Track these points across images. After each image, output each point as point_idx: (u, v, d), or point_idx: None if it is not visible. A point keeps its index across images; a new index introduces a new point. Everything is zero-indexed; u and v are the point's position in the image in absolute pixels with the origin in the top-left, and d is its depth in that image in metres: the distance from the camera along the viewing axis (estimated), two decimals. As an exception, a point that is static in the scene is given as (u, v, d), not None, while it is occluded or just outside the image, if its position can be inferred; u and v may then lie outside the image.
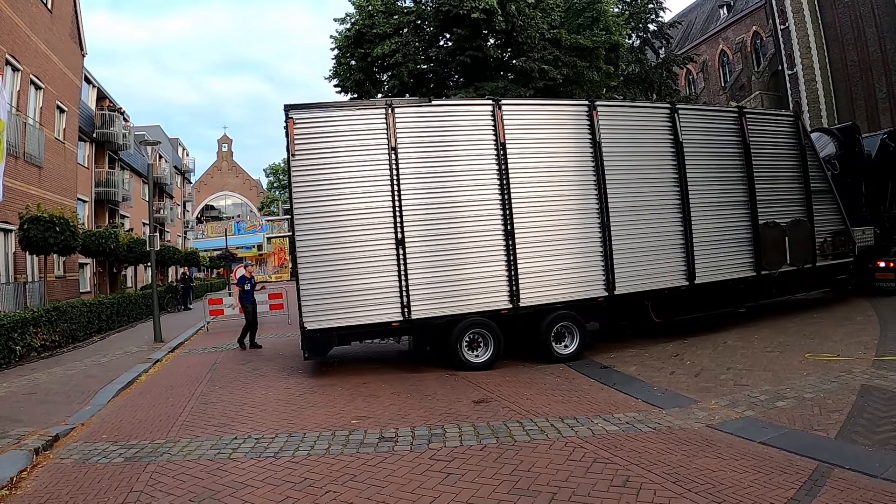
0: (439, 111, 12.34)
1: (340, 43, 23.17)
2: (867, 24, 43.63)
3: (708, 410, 8.22)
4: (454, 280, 11.77)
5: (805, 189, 15.64)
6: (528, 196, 12.28)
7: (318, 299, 11.26)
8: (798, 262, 15.26)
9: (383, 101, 11.90)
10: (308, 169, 11.41)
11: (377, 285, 11.42)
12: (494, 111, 12.24)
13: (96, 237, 26.70)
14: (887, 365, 9.49)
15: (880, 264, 17.54)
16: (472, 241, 11.90)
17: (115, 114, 39.66)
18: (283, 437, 7.86)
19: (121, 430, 8.73)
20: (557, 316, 12.37)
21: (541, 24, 21.83)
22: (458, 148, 12.06)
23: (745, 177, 14.56)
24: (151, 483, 6.45)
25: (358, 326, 11.56)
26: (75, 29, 31.25)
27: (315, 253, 11.30)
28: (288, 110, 11.45)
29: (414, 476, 6.23)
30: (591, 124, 12.87)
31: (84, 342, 19.35)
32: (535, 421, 8.06)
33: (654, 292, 13.38)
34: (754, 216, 14.55)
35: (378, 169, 11.58)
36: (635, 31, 34.57)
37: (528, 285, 12.11)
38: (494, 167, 12.12)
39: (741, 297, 14.72)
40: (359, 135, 11.62)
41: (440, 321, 11.83)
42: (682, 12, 64.06)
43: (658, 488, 5.61)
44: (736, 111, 15.23)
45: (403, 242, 11.50)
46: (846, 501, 5.19)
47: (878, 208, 18.50)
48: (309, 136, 11.44)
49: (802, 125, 15.92)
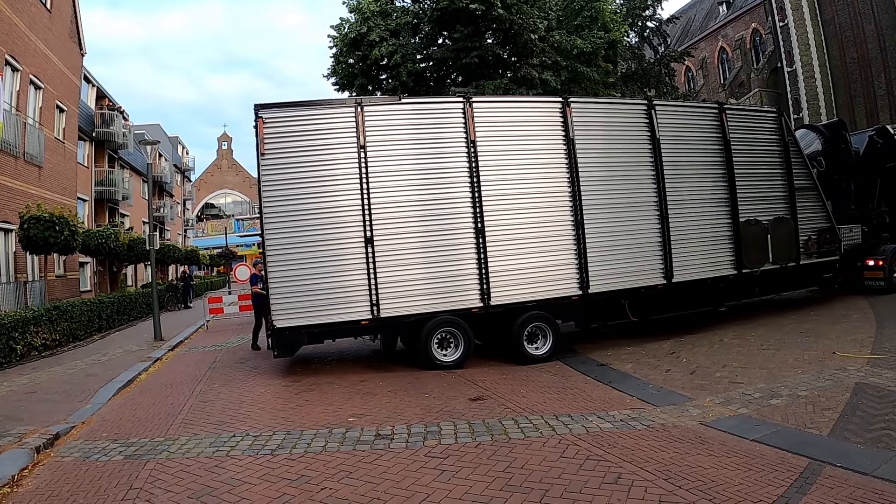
0: (410, 109, 12.36)
1: (339, 42, 23.17)
2: (866, 22, 43.62)
3: (702, 408, 8.28)
4: (423, 278, 11.73)
5: (788, 186, 15.48)
6: (499, 194, 12.21)
7: (288, 297, 11.25)
8: (781, 260, 15.12)
9: (353, 99, 11.89)
10: (278, 168, 11.42)
11: (346, 284, 11.41)
12: (465, 108, 12.16)
13: (96, 236, 26.77)
14: (882, 363, 9.53)
15: (869, 262, 17.41)
16: (442, 239, 11.86)
17: (115, 113, 39.64)
18: (280, 435, 7.91)
19: (121, 428, 8.79)
20: (530, 316, 12.31)
21: (539, 23, 21.77)
22: (428, 146, 12.02)
23: (725, 174, 14.41)
24: (151, 480, 6.50)
25: (327, 325, 11.56)
26: (74, 28, 31.24)
27: (284, 251, 11.31)
28: (258, 110, 11.45)
29: (409, 473, 6.29)
30: (564, 121, 12.78)
31: (84, 341, 19.41)
32: (530, 418, 8.12)
33: (631, 291, 13.23)
34: (735, 214, 14.39)
35: (347, 167, 11.57)
36: (633, 28, 34.47)
37: (498, 284, 12.06)
38: (465, 165, 12.06)
39: (722, 295, 14.60)
40: (328, 133, 11.63)
41: (409, 320, 11.83)
42: (681, 9, 63.94)
43: (649, 485, 5.66)
44: (716, 107, 15.09)
45: (372, 241, 11.48)
46: (835, 499, 5.23)
47: (866, 206, 18.34)
48: (279, 136, 11.44)
49: (785, 122, 15.75)
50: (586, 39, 23.12)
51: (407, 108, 12.40)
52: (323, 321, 11.44)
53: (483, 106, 12.51)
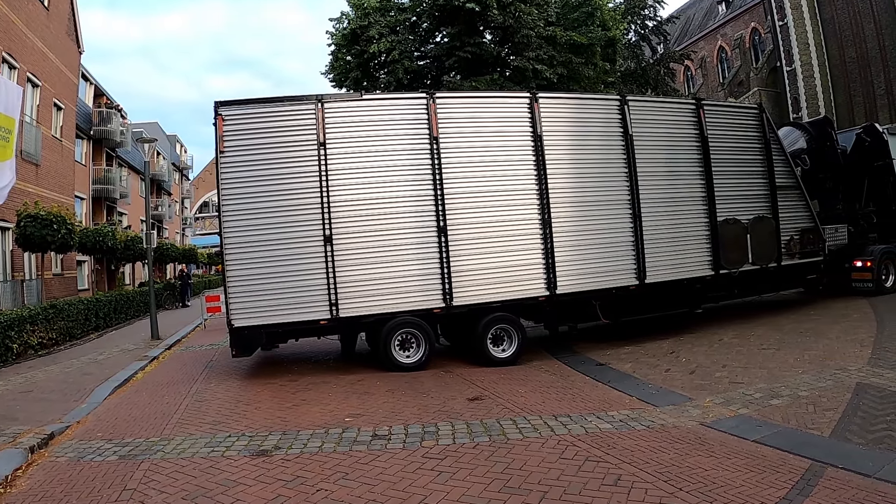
0: (372, 105, 12.15)
1: (337, 39, 23.11)
2: (865, 21, 43.59)
3: (702, 408, 8.23)
4: (384, 278, 11.58)
5: (770, 185, 15.14)
6: (463, 191, 12.02)
7: (246, 297, 11.16)
8: (761, 260, 14.81)
9: (314, 95, 11.71)
10: (236, 166, 11.29)
11: (305, 283, 11.29)
12: (428, 104, 12.00)
13: (94, 234, 26.67)
14: (883, 363, 9.48)
15: (857, 264, 17.13)
16: (404, 238, 11.70)
17: (113, 111, 39.59)
18: (276, 435, 7.84)
19: (116, 428, 8.71)
20: (494, 318, 12.11)
21: (537, 20, 21.71)
22: (390, 142, 11.83)
23: (703, 172, 14.12)
24: (145, 481, 6.42)
25: (286, 324, 11.45)
26: (72, 26, 31.20)
27: (242, 250, 11.19)
28: (217, 107, 11.32)
29: (406, 474, 6.22)
30: (532, 117, 12.57)
31: (81, 340, 19.35)
32: (528, 419, 8.06)
33: (602, 292, 12.97)
34: (713, 213, 14.08)
35: (307, 165, 11.44)
36: (632, 27, 34.43)
37: (461, 284, 11.87)
38: (427, 162, 11.89)
39: (699, 297, 14.33)
40: (288, 131, 11.49)
41: (369, 320, 11.74)
42: (680, 8, 64.02)
43: (649, 487, 5.61)
44: (693, 103, 14.73)
45: (331, 239, 11.36)
46: (838, 501, 5.18)
47: (853, 206, 18.03)
48: (238, 133, 11.31)
49: (767, 118, 15.39)
50: (583, 34, 23.03)
51: (369, 104, 12.17)
52: (281, 321, 11.32)
53: (447, 102, 12.33)
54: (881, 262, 17.04)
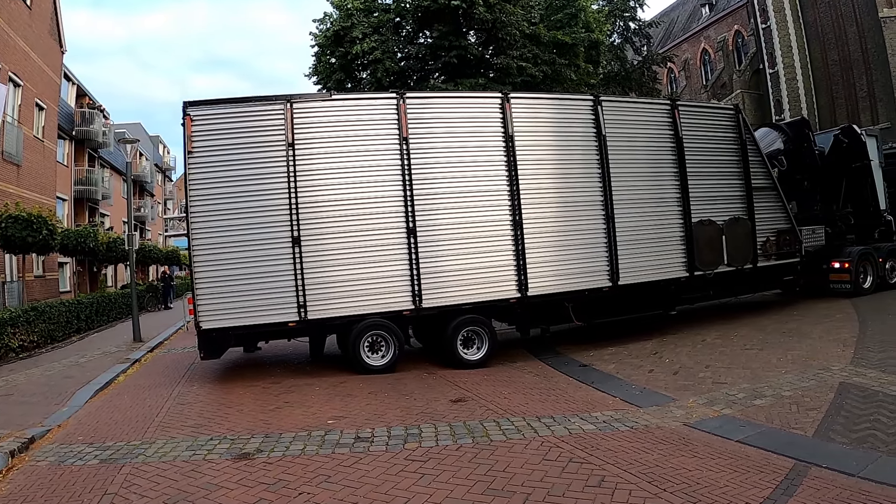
0: (341, 106, 12.04)
1: (320, 40, 23.03)
2: (848, 24, 43.96)
3: (686, 409, 8.24)
4: (352, 279, 11.47)
5: (746, 186, 15.06)
6: (432, 193, 11.92)
7: (214, 299, 11.06)
8: (737, 262, 14.73)
9: (283, 95, 11.62)
10: (205, 166, 11.17)
11: (273, 285, 11.19)
12: (398, 105, 11.88)
13: (75, 236, 26.45)
14: (865, 362, 9.54)
15: (834, 265, 17.08)
16: (373, 240, 11.58)
17: (95, 111, 39.32)
18: (258, 438, 7.78)
19: (97, 432, 8.63)
20: (464, 319, 12.02)
21: (521, 20, 21.73)
22: (359, 143, 11.71)
23: (677, 172, 14.00)
24: (126, 485, 6.36)
25: (254, 326, 11.37)
26: (54, 26, 30.99)
27: (210, 251, 11.09)
28: (186, 107, 11.19)
29: (388, 477, 6.18)
30: (504, 118, 12.46)
31: (63, 342, 19.18)
32: (511, 420, 8.04)
33: (574, 293, 12.87)
34: (687, 214, 13.98)
35: (275, 166, 11.33)
36: (616, 29, 34.54)
37: (430, 286, 11.77)
38: (397, 163, 11.78)
39: (673, 298, 14.24)
40: (257, 131, 11.39)
41: (338, 322, 11.67)
42: (664, 11, 64.42)
43: (633, 488, 5.59)
44: (667, 104, 14.66)
45: (300, 241, 11.26)
46: (822, 501, 5.19)
47: (830, 207, 18.03)
48: (207, 133, 11.19)
49: (743, 119, 15.34)
50: (566, 34, 23.05)
51: (338, 104, 12.07)
52: (249, 323, 11.22)
53: (417, 102, 12.23)
54: (859, 263, 17.06)
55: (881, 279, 17.37)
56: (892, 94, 40.67)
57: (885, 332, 11.82)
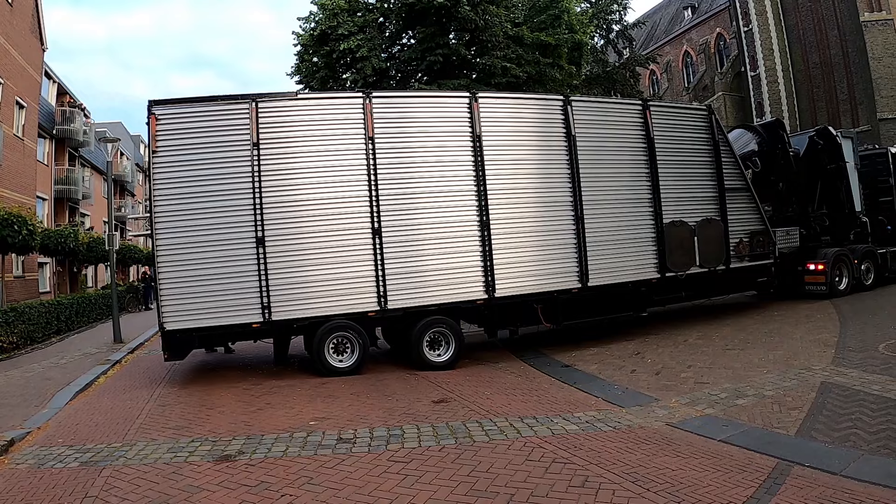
0: (307, 105, 12.01)
1: (304, 40, 22.92)
2: (829, 27, 44.41)
3: (668, 409, 8.27)
4: (318, 280, 11.40)
5: (719, 187, 15.02)
6: (398, 193, 11.85)
7: (178, 299, 10.94)
8: (709, 263, 14.67)
9: (249, 94, 11.53)
10: (170, 166, 11.06)
11: (237, 285, 11.09)
12: (364, 104, 11.80)
13: (56, 236, 26.22)
14: (847, 362, 9.61)
15: (810, 266, 17.12)
16: (338, 240, 11.50)
17: (76, 110, 39.05)
18: (240, 440, 7.72)
19: (77, 434, 8.53)
20: (431, 321, 11.95)
21: (504, 21, 21.75)
22: (325, 143, 11.63)
23: (649, 173, 13.96)
24: (107, 488, 6.28)
25: (218, 327, 11.29)
26: (35, 23, 30.75)
27: (174, 252, 10.98)
28: (151, 106, 11.08)
29: (371, 478, 6.15)
30: (471, 117, 12.37)
31: (43, 343, 18.97)
32: (494, 421, 8.02)
33: (543, 295, 12.79)
34: (659, 215, 13.92)
35: (240, 166, 11.24)
36: (598, 31, 34.61)
37: (396, 287, 11.69)
38: (362, 162, 11.68)
39: (645, 300, 14.12)
40: (222, 131, 11.29)
41: (303, 323, 11.58)
42: (646, 13, 64.77)
43: (617, 488, 5.59)
44: (639, 104, 14.57)
45: (264, 241, 11.17)
46: (805, 499, 5.22)
47: (805, 208, 18.04)
48: (172, 133, 11.09)
49: (716, 120, 15.33)
50: (550, 35, 23.09)
51: (304, 104, 12.02)
52: (213, 324, 11.13)
53: (384, 101, 12.16)
54: (834, 264, 17.14)
55: (856, 281, 17.48)
56: (872, 97, 41.11)
57: (866, 333, 11.91)
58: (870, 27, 41.10)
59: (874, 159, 19.84)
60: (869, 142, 28.65)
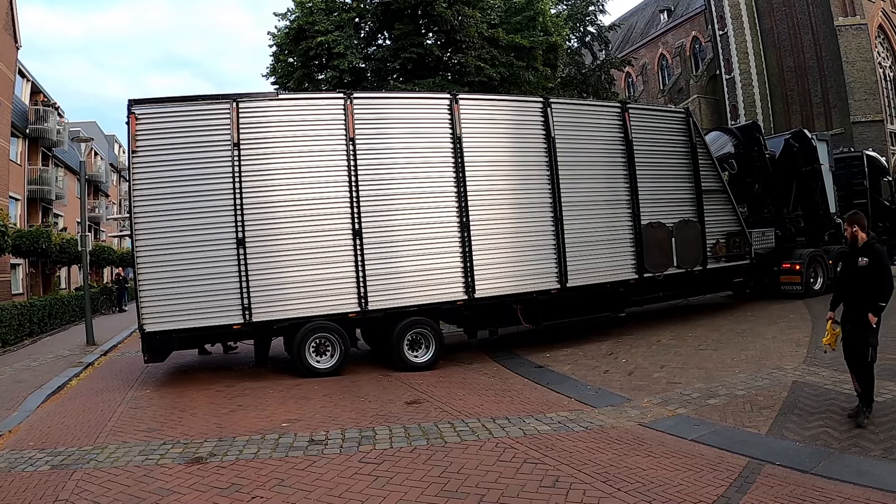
0: (288, 105, 11.95)
1: (280, 39, 22.86)
2: (804, 31, 44.91)
3: (640, 409, 8.32)
4: (298, 281, 11.36)
5: (696, 189, 15.18)
6: (379, 194, 11.85)
7: (157, 300, 10.85)
8: (686, 264, 14.83)
9: (230, 94, 11.48)
10: (150, 166, 10.97)
11: (217, 286, 11.03)
12: (345, 105, 11.78)
13: (28, 237, 25.92)
14: (818, 361, 9.71)
15: (785, 267, 17.41)
16: (318, 241, 11.49)
17: (50, 109, 38.56)
18: (212, 442, 7.67)
19: (48, 437, 8.44)
20: (411, 322, 11.96)
21: (480, 22, 21.79)
22: (306, 144, 11.60)
23: (627, 175, 14.09)
24: (77, 491, 6.22)
25: (198, 329, 11.21)
26: (10, 20, 30.42)
27: (154, 252, 10.89)
28: (131, 105, 10.98)
29: (342, 479, 6.14)
30: (451, 119, 12.40)
31: (15, 346, 18.78)
32: (466, 421, 8.04)
33: (522, 295, 12.87)
34: (637, 216, 14.06)
35: (220, 166, 11.17)
36: (574, 33, 34.69)
37: (376, 288, 11.69)
38: (343, 163, 11.68)
39: (623, 300, 14.24)
40: (203, 131, 11.22)
41: (283, 324, 11.52)
42: (623, 16, 65.10)
43: (588, 488, 5.62)
44: (618, 106, 14.77)
45: (244, 242, 11.11)
46: (776, 498, 5.28)
47: (781, 210, 18.28)
48: (151, 133, 10.99)
49: (693, 123, 15.48)
50: (525, 37, 23.20)
51: (285, 104, 11.96)
52: (193, 325, 11.05)
53: (364, 102, 12.16)
54: (810, 265, 17.43)
55: (831, 281, 17.58)
56: (845, 100, 41.65)
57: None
58: (844, 31, 41.65)
59: (850, 162, 20.34)
60: (845, 145, 29.05)
